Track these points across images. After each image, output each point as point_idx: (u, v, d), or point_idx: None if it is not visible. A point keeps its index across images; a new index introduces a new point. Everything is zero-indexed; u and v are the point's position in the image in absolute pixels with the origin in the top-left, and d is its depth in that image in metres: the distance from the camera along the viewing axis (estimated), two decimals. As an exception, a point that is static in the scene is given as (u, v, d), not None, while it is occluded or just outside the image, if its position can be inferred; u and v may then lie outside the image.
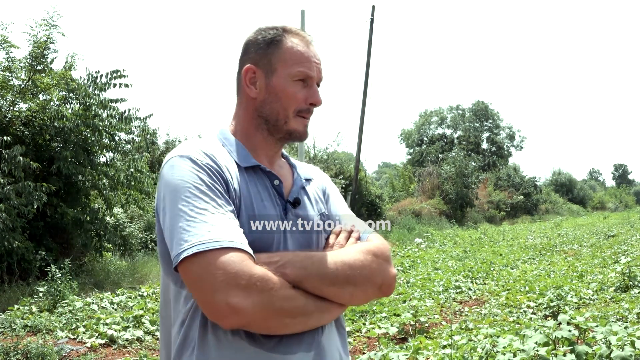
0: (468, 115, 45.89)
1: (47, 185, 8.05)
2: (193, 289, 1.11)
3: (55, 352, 4.80)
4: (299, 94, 1.32)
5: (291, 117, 1.33)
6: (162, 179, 1.23)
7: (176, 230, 1.13)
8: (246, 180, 1.28)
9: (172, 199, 1.17)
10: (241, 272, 1.08)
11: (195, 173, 1.19)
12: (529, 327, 4.75)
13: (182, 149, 1.26)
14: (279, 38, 1.33)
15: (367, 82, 20.81)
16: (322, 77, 1.38)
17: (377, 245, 1.32)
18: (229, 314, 1.07)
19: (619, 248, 12.61)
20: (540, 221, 30.21)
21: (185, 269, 1.10)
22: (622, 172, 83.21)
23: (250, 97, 1.34)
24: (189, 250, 1.09)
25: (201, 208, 1.15)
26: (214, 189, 1.19)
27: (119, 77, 9.28)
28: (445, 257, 12.13)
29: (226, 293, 1.06)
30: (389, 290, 1.31)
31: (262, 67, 1.33)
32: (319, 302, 1.19)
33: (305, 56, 1.33)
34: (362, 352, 5.04)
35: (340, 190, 13.91)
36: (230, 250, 1.10)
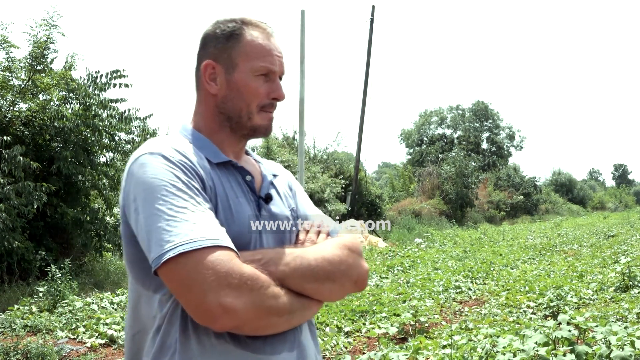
0: (468, 115, 45.88)
1: (47, 185, 8.05)
2: (180, 292, 1.05)
3: (55, 352, 4.80)
4: (261, 89, 1.28)
5: (255, 112, 1.29)
6: (131, 178, 1.16)
7: (154, 231, 1.06)
8: (219, 177, 1.24)
9: (147, 198, 1.10)
10: (232, 271, 1.04)
11: (170, 170, 1.14)
12: (528, 327, 4.75)
13: (152, 146, 1.19)
14: (238, 31, 1.28)
15: (367, 82, 20.83)
16: (284, 70, 1.33)
17: (350, 240, 1.30)
18: (222, 315, 1.03)
19: (618, 248, 12.61)
20: (540, 221, 30.20)
21: (169, 271, 1.04)
22: (622, 172, 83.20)
23: (210, 94, 1.29)
24: (173, 251, 1.03)
25: (180, 206, 1.09)
26: (191, 187, 1.14)
27: (119, 77, 9.28)
28: (445, 257, 12.12)
29: (217, 293, 1.02)
30: (363, 284, 1.29)
31: (222, 62, 1.28)
32: (301, 300, 1.17)
33: (267, 49, 1.28)
34: (362, 352, 5.04)
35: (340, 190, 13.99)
36: (218, 248, 1.05)
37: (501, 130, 46.37)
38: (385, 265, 10.80)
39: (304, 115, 15.75)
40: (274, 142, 20.94)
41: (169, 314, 1.14)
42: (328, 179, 20.31)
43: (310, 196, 13.68)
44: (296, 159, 17.89)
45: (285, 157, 19.39)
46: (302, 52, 15.89)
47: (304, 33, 15.91)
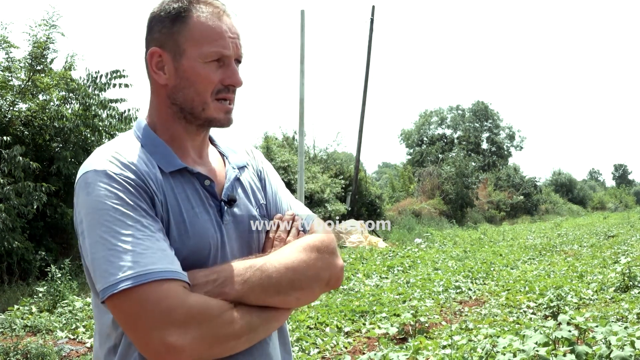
0: (468, 116, 45.87)
1: (47, 186, 8.06)
2: (126, 328, 1.01)
3: (55, 352, 4.80)
4: (213, 76, 1.15)
5: (209, 102, 1.16)
6: (78, 197, 1.08)
7: (98, 261, 1.00)
8: (172, 187, 1.14)
9: (90, 223, 1.03)
10: (176, 306, 0.98)
11: (113, 191, 1.04)
12: (529, 327, 4.75)
13: (96, 161, 1.09)
14: (185, 13, 1.14)
15: (367, 82, 20.83)
16: (240, 53, 1.20)
17: (320, 239, 1.21)
18: (166, 353, 0.97)
19: (618, 248, 12.61)
20: (540, 221, 30.20)
21: (114, 305, 0.99)
22: (622, 173, 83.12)
23: (159, 84, 1.18)
24: (116, 287, 0.97)
25: (124, 233, 1.01)
26: (137, 208, 1.05)
27: (118, 77, 9.29)
28: (445, 258, 12.12)
29: (161, 332, 0.96)
30: (337, 283, 1.23)
31: (168, 49, 1.15)
32: (264, 314, 1.11)
33: (217, 32, 1.15)
34: (362, 352, 5.04)
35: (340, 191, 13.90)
36: (163, 282, 0.99)
37: (501, 131, 46.37)
38: (385, 266, 10.80)
39: (304, 115, 15.75)
40: (273, 142, 20.94)
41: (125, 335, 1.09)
42: (328, 179, 20.31)
43: (310, 196, 13.74)
44: (296, 159, 17.88)
45: (285, 157, 19.38)
46: (302, 52, 15.89)
47: (304, 33, 15.92)
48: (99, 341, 1.16)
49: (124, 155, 1.11)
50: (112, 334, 1.11)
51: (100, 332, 1.15)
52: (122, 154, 1.11)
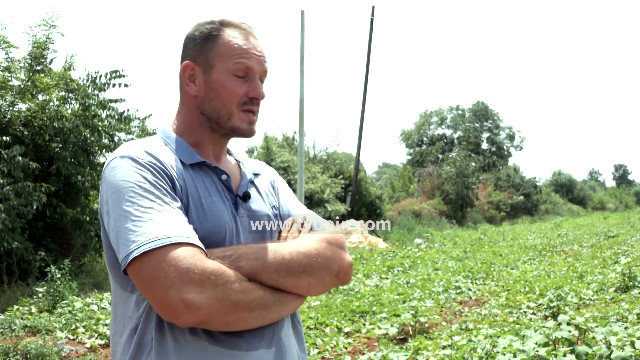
0: (468, 116, 45.86)
1: (47, 186, 8.05)
2: (145, 289, 1.06)
3: (54, 353, 4.79)
4: (238, 89, 1.27)
5: (235, 113, 1.28)
6: (104, 182, 1.19)
7: (122, 232, 1.09)
8: (192, 177, 1.24)
9: (116, 200, 1.13)
10: (193, 267, 1.05)
11: (138, 172, 1.15)
12: (529, 327, 4.75)
13: (123, 150, 1.22)
14: (215, 32, 1.29)
15: (367, 82, 20.82)
16: (265, 69, 1.32)
17: (331, 234, 1.30)
18: (184, 310, 1.03)
19: (619, 248, 12.60)
20: (540, 221, 30.19)
21: (135, 270, 1.06)
22: (622, 173, 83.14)
23: (190, 95, 1.30)
24: (138, 250, 1.05)
25: (146, 207, 1.10)
26: (159, 187, 1.15)
27: (118, 77, 9.28)
28: (445, 258, 12.12)
29: (179, 289, 1.02)
30: (345, 277, 1.29)
31: (200, 63, 1.29)
32: (277, 294, 1.17)
33: (244, 49, 1.28)
34: (362, 352, 5.04)
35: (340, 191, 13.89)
36: (180, 245, 1.06)
37: (501, 131, 46.36)
38: (385, 266, 10.79)
39: (304, 115, 15.75)
40: (273, 143, 20.93)
41: (145, 313, 1.16)
42: (328, 179, 20.30)
43: (310, 196, 13.73)
44: (296, 159, 17.88)
45: (285, 157, 19.38)
46: (302, 52, 15.89)
47: (303, 33, 15.91)
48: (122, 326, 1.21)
49: (147, 147, 1.23)
50: (134, 315, 1.18)
51: (123, 317, 1.21)
52: (146, 146, 1.23)
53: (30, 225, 8.42)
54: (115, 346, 1.23)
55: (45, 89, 9.17)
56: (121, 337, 1.20)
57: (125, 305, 1.20)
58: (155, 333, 1.14)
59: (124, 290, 1.20)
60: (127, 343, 1.18)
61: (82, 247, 9.19)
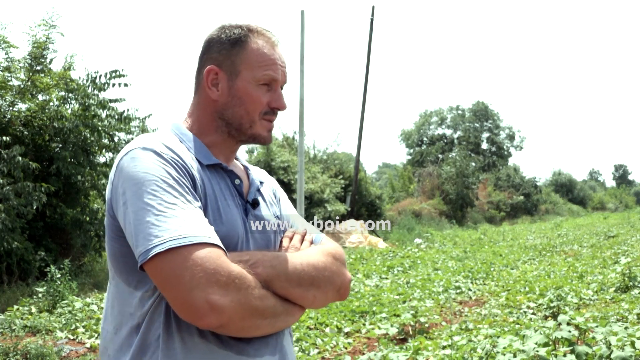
0: (468, 116, 45.85)
1: (47, 186, 8.05)
2: (166, 287, 1.03)
3: (54, 353, 4.79)
4: (263, 98, 1.27)
5: (257, 121, 1.28)
6: (121, 172, 1.14)
7: (143, 225, 1.05)
8: (209, 178, 1.23)
9: (136, 192, 1.09)
10: (220, 269, 1.03)
11: (162, 166, 1.13)
12: (529, 327, 4.75)
13: (144, 141, 1.18)
14: (244, 38, 1.27)
15: (367, 82, 20.81)
16: (286, 80, 1.33)
17: (335, 248, 1.30)
18: (208, 312, 1.01)
19: (619, 248, 12.60)
20: (540, 221, 30.19)
21: (156, 266, 1.03)
22: (622, 173, 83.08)
23: (211, 99, 1.28)
24: (162, 246, 1.02)
25: (170, 202, 1.08)
26: (182, 184, 1.13)
27: (117, 76, 9.28)
28: (445, 258, 12.12)
29: (205, 290, 1.01)
30: (345, 293, 1.29)
31: (225, 68, 1.27)
32: (285, 304, 1.16)
33: (271, 59, 1.28)
34: (362, 352, 5.04)
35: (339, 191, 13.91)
36: (207, 245, 1.05)
37: (501, 131, 46.35)
38: (385, 266, 10.79)
39: (304, 115, 15.75)
40: (273, 143, 20.94)
41: (150, 312, 1.13)
42: (328, 179, 20.30)
43: (309, 196, 13.73)
44: (296, 159, 17.87)
45: (285, 157, 19.37)
46: (302, 52, 15.89)
47: (303, 33, 15.91)
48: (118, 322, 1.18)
49: (167, 142, 1.20)
50: (136, 313, 1.15)
51: (122, 313, 1.18)
52: (166, 141, 1.20)
53: (30, 225, 8.42)
54: (108, 343, 1.20)
55: (45, 89, 9.17)
56: (116, 334, 1.18)
57: (127, 301, 1.17)
58: (163, 334, 1.12)
59: (127, 286, 1.17)
60: (127, 341, 1.16)
61: (82, 247, 9.19)
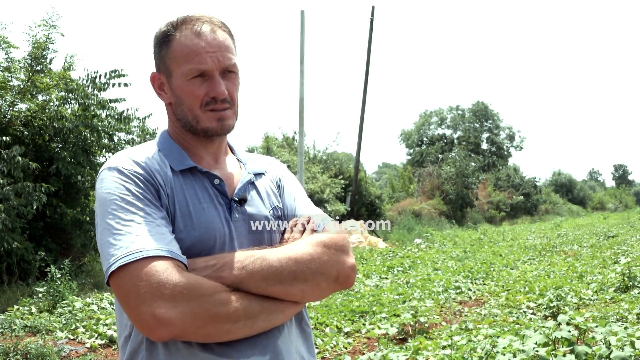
0: (468, 116, 45.86)
1: (47, 186, 8.05)
2: (122, 304, 1.07)
3: (54, 353, 4.79)
4: (198, 91, 1.23)
5: (199, 114, 1.24)
6: (95, 194, 1.21)
7: (104, 245, 1.10)
8: (182, 184, 1.23)
9: (101, 213, 1.15)
10: (165, 281, 1.03)
11: (122, 184, 1.16)
12: (528, 327, 4.75)
13: (112, 161, 1.22)
14: (168, 37, 1.25)
15: (367, 82, 20.82)
16: (226, 63, 1.25)
17: (329, 236, 1.25)
18: (156, 326, 1.02)
19: (618, 248, 12.61)
20: (540, 221, 30.19)
21: (113, 284, 1.07)
22: (622, 173, 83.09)
23: (166, 103, 1.31)
24: (115, 265, 1.05)
25: (127, 219, 1.11)
26: (142, 198, 1.15)
27: (117, 76, 9.28)
28: (445, 258, 12.12)
29: (150, 304, 1.02)
30: (347, 281, 1.24)
31: (162, 71, 1.28)
32: (266, 303, 1.14)
33: (194, 50, 1.22)
34: (362, 352, 5.04)
35: (339, 191, 13.85)
36: (155, 259, 1.05)
37: (501, 131, 46.37)
38: (385, 266, 10.80)
39: (304, 115, 15.76)
40: (273, 143, 20.95)
41: None
42: (328, 179, 20.31)
43: (310, 196, 13.59)
44: (296, 159, 17.89)
45: (285, 157, 19.39)
46: (302, 52, 15.90)
47: (303, 33, 15.92)
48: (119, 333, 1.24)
49: (138, 155, 1.23)
50: (128, 323, 1.19)
51: (120, 324, 1.23)
52: (136, 155, 1.24)
53: (30, 225, 8.42)
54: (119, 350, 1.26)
55: (45, 89, 9.17)
56: (118, 343, 1.24)
57: (121, 313, 1.21)
58: (146, 342, 1.15)
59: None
60: (122, 350, 1.21)
61: (82, 247, 9.19)
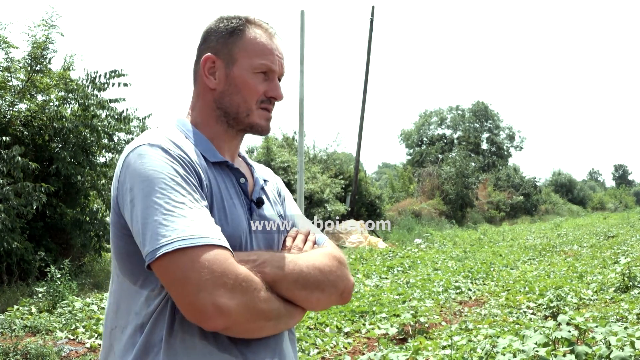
0: (468, 116, 45.85)
1: (47, 186, 8.05)
2: (173, 288, 1.03)
3: (54, 353, 4.79)
4: (259, 86, 1.26)
5: (254, 109, 1.27)
6: (128, 169, 1.12)
7: (151, 224, 1.04)
8: (215, 176, 1.22)
9: (144, 190, 1.07)
10: (227, 271, 1.03)
11: (169, 164, 1.11)
12: (528, 327, 4.75)
13: (151, 138, 1.16)
14: (241, 28, 1.28)
15: (367, 82, 20.83)
16: (284, 72, 1.32)
17: (338, 252, 1.29)
18: (215, 315, 1.01)
19: (618, 248, 12.61)
20: (540, 222, 30.19)
21: (163, 266, 1.02)
22: (622, 173, 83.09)
23: (208, 88, 1.28)
24: (169, 246, 1.01)
25: (178, 201, 1.06)
26: (190, 182, 1.12)
27: (117, 76, 9.28)
28: (445, 258, 12.12)
29: (212, 293, 1.00)
30: (348, 297, 1.28)
31: (222, 57, 1.27)
32: (287, 306, 1.16)
33: (268, 48, 1.28)
34: (362, 352, 5.04)
35: (339, 191, 13.90)
36: (214, 247, 1.04)
37: (501, 131, 46.36)
38: (385, 266, 10.80)
39: (304, 115, 15.75)
40: (273, 143, 20.93)
41: (157, 312, 1.12)
42: (328, 179, 20.30)
43: (309, 196, 13.72)
44: (296, 159, 17.88)
45: (285, 157, 19.38)
46: (302, 52, 15.89)
47: (303, 33, 15.91)
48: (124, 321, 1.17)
49: (175, 139, 1.19)
50: (142, 312, 1.14)
51: (128, 312, 1.17)
52: (173, 138, 1.19)
53: (30, 225, 8.42)
54: (113, 340, 1.19)
55: (44, 89, 9.17)
56: (123, 332, 1.16)
57: (132, 300, 1.16)
58: (166, 334, 1.11)
59: (132, 284, 1.16)
60: (131, 340, 1.14)
61: (82, 247, 9.19)
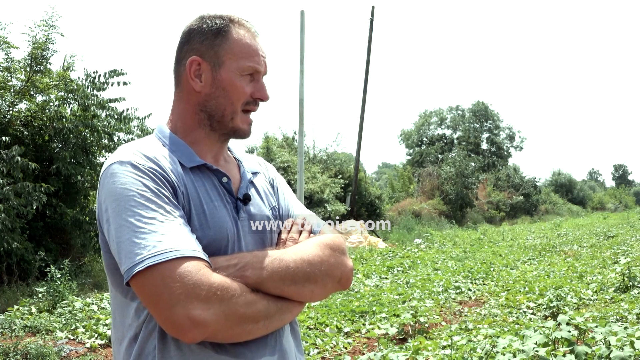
0: (468, 116, 45.84)
1: (47, 186, 8.05)
2: (149, 305, 1.04)
3: (54, 353, 4.79)
4: (246, 88, 1.26)
5: (238, 112, 1.27)
6: (103, 188, 1.15)
7: (124, 243, 1.06)
8: (193, 181, 1.22)
9: (116, 209, 1.09)
10: (200, 283, 1.03)
11: (139, 179, 1.12)
12: (528, 327, 4.75)
13: (121, 154, 1.17)
14: (226, 28, 1.26)
15: (367, 83, 20.83)
16: (267, 71, 1.32)
17: (332, 239, 1.28)
18: (191, 327, 1.01)
19: (618, 248, 12.61)
20: (539, 222, 30.19)
21: (138, 284, 1.04)
22: (621, 173, 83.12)
23: (193, 91, 1.26)
24: (142, 264, 1.02)
25: (149, 217, 1.07)
26: (161, 195, 1.12)
27: (117, 75, 9.28)
28: (445, 258, 12.12)
29: (185, 306, 1.01)
30: (347, 283, 1.28)
31: (208, 59, 1.25)
32: (279, 303, 1.15)
33: (254, 49, 1.27)
34: (362, 352, 5.04)
35: (339, 191, 13.86)
36: (186, 259, 1.04)
37: (501, 131, 46.35)
38: (385, 266, 10.80)
39: (304, 115, 15.75)
40: (273, 143, 20.93)
41: (146, 322, 1.14)
42: (328, 179, 20.30)
43: (309, 196, 13.70)
44: (296, 159, 17.88)
45: (285, 157, 19.38)
46: (302, 52, 15.89)
47: (303, 33, 15.92)
48: (121, 333, 1.19)
49: (146, 151, 1.19)
50: (133, 324, 1.15)
51: (122, 324, 1.19)
52: (144, 150, 1.19)
53: (30, 225, 8.42)
54: (117, 354, 1.21)
55: (45, 89, 9.17)
56: (121, 344, 1.19)
57: (125, 312, 1.18)
58: (159, 343, 1.12)
59: (123, 297, 1.18)
60: (127, 352, 1.16)
61: (82, 247, 9.19)
